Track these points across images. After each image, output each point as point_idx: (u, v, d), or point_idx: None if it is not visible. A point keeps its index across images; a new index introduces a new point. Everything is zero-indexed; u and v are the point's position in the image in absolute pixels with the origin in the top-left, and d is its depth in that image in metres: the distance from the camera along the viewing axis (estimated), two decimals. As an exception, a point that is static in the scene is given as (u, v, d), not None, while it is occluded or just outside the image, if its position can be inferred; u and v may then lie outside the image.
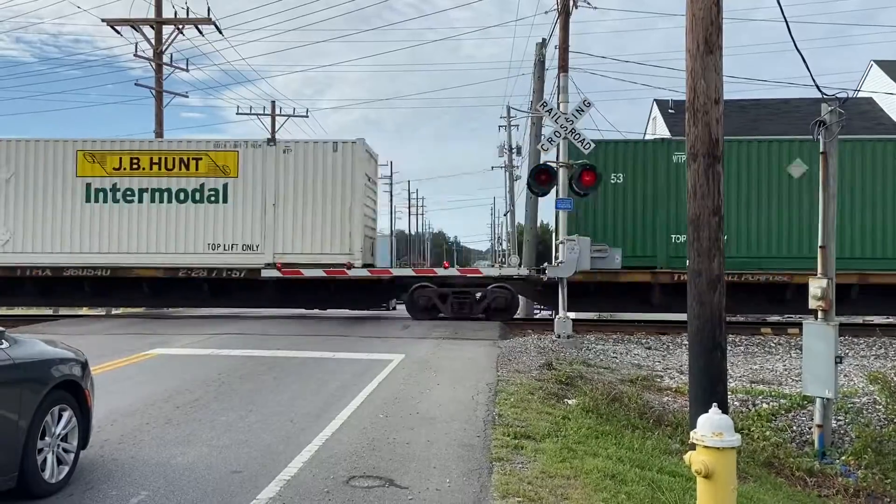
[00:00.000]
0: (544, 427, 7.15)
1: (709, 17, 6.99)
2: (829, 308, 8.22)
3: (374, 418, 7.41)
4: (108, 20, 24.59)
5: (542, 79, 26.18)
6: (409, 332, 15.16)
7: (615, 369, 11.76)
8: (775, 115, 37.31)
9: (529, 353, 12.24)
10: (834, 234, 8.49)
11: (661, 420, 8.54)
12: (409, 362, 11.00)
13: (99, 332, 15.04)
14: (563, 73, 17.50)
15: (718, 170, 7.14)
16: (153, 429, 6.89)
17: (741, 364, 12.67)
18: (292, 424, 7.13)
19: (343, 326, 16.37)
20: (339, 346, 12.80)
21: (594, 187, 15.23)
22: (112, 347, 12.24)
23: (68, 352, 5.62)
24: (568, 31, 18.81)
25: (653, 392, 10.38)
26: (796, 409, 9.60)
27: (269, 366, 10.62)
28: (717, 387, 7.06)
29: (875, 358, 13.32)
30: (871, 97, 37.87)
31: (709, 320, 7.07)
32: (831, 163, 8.41)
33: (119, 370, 10.18)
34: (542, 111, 16.20)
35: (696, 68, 7.08)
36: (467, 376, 9.92)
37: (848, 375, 11.54)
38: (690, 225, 7.23)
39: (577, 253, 14.62)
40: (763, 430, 8.70)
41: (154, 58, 24.68)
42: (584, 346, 13.95)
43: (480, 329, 15.57)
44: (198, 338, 13.79)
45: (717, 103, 7.09)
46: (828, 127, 8.31)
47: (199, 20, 24.77)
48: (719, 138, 7.14)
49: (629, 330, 16.44)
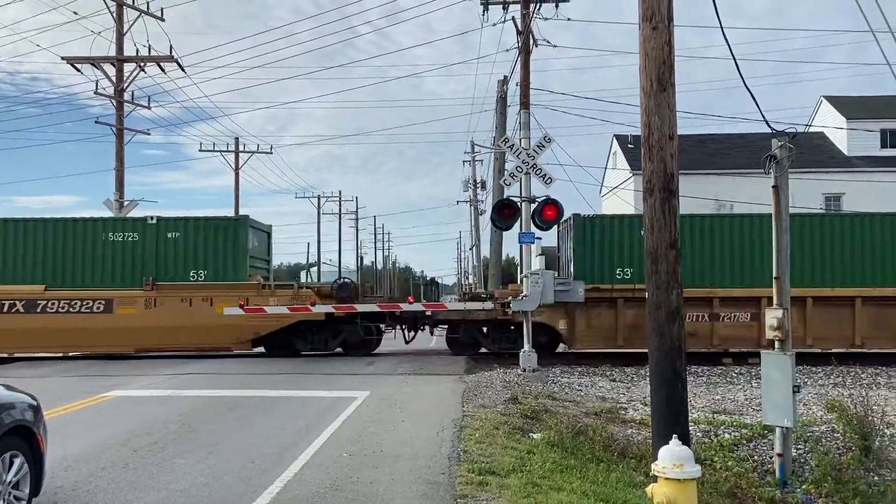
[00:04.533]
0: (509, 462, 7.13)
1: (661, 57, 7.20)
2: (786, 338, 8.38)
3: (338, 457, 7.31)
4: (68, 58, 24.38)
5: (504, 115, 26.56)
6: (375, 368, 15.05)
7: (580, 402, 11.79)
8: (732, 150, 38.32)
9: (495, 388, 12.22)
10: (788, 266, 8.69)
11: (626, 452, 8.56)
12: (374, 399, 10.91)
13: (55, 375, 14.64)
14: (524, 110, 17.79)
15: (674, 204, 7.30)
16: (109, 474, 6.71)
17: (703, 394, 12.80)
18: (254, 465, 7.00)
19: (307, 363, 16.18)
20: (302, 384, 12.65)
21: (556, 221, 15.42)
22: (68, 390, 11.93)
23: (20, 395, 5.47)
24: (528, 69, 19.20)
25: (617, 424, 10.42)
26: (757, 439, 9.71)
27: (231, 406, 10.44)
28: (678, 418, 7.13)
29: (833, 386, 13.58)
30: (822, 132, 39.14)
31: (669, 352, 7.16)
32: (783, 196, 8.64)
33: (75, 413, 9.91)
34: (504, 147, 16.43)
35: (650, 106, 7.27)
36: (432, 412, 9.87)
37: (807, 404, 11.74)
38: (648, 258, 7.36)
39: (541, 286, 14.72)
40: (725, 460, 8.77)
41: (115, 95, 24.48)
42: (550, 380, 13.98)
43: (446, 364, 15.51)
44: (157, 378, 13.51)
45: (671, 139, 7.28)
46: (779, 161, 8.56)
47: (161, 58, 24.69)
48: (674, 173, 7.31)
49: (594, 362, 16.55)
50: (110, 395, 11.40)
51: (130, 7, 24.55)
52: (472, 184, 46.27)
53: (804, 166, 33.02)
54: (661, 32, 7.19)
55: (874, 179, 34.33)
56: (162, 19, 24.97)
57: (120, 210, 23.39)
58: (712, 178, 34.47)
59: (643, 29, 7.27)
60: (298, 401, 10.87)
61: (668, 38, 7.22)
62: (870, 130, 36.50)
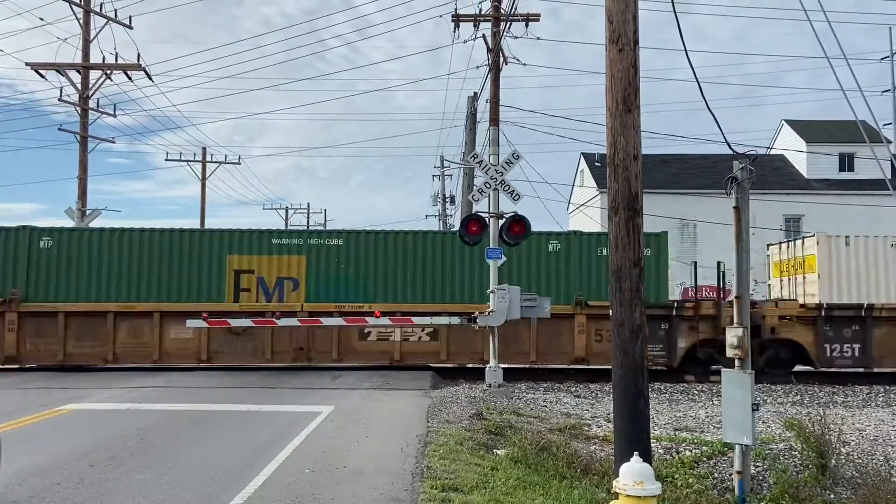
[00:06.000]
0: (473, 478, 7.13)
1: (626, 79, 7.33)
2: (746, 356, 8.51)
3: (300, 473, 7.24)
4: (32, 64, 24.00)
5: (473, 131, 26.75)
6: (340, 383, 14.93)
7: (545, 418, 11.83)
8: (696, 171, 39.04)
9: (460, 403, 12.21)
10: (748, 286, 8.86)
11: (589, 469, 8.61)
12: (339, 414, 10.82)
13: (9, 387, 14.26)
14: (493, 126, 17.95)
15: (638, 222, 7.41)
16: (64, 489, 6.55)
17: (666, 411, 12.93)
18: (214, 482, 6.89)
19: (272, 377, 15.99)
20: (266, 398, 12.50)
21: (524, 237, 15.52)
22: (23, 403, 11.63)
23: (-27, 409, 5.34)
24: (499, 86, 19.41)
25: (581, 440, 10.47)
26: (717, 456, 9.83)
27: (192, 420, 10.27)
28: (640, 435, 7.20)
29: (791, 405, 13.82)
30: (783, 154, 40.09)
31: (631, 368, 7.24)
32: (744, 217, 8.81)
33: (30, 427, 9.67)
34: (473, 163, 16.53)
35: (615, 126, 7.39)
36: (397, 428, 9.82)
37: (766, 422, 11.92)
38: (613, 276, 7.44)
39: (507, 302, 14.78)
40: (686, 477, 8.86)
41: (80, 103, 24.14)
42: (515, 395, 14.01)
43: (412, 379, 15.45)
44: (117, 391, 13.24)
45: (636, 159, 7.40)
46: (739, 183, 8.74)
47: (128, 66, 24.43)
48: (639, 192, 7.43)
49: (560, 378, 16.63)
50: (67, 409, 11.15)
51: (98, 14, 24.28)
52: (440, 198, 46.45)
53: (765, 188, 33.83)
54: (626, 55, 7.33)
55: (832, 202, 35.22)
56: (130, 27, 24.74)
57: (82, 219, 22.94)
58: (677, 198, 35.08)
59: (610, 51, 7.41)
60: (261, 415, 10.74)
61: (633, 61, 7.36)
62: (828, 154, 37.48)
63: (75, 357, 17.18)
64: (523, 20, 21.35)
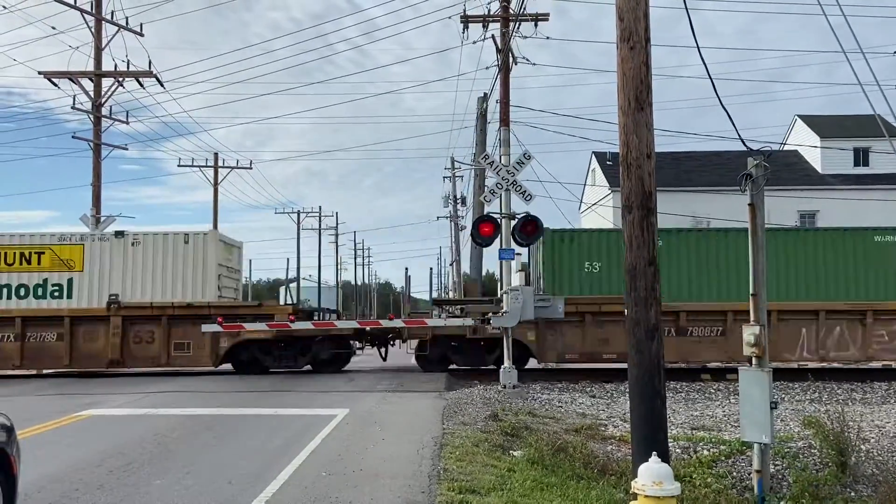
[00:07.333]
0: (489, 480, 7.10)
1: (639, 77, 7.28)
2: (763, 354, 8.44)
3: (317, 476, 7.24)
4: (45, 73, 24.18)
5: (484, 131, 26.71)
6: (354, 385, 14.95)
7: (560, 419, 11.79)
8: (707, 167, 38.83)
9: (475, 405, 12.19)
10: (765, 283, 8.78)
11: (606, 469, 8.56)
12: (354, 417, 10.83)
13: (29, 394, 14.39)
14: (504, 127, 17.92)
15: (652, 221, 7.35)
16: (83, 495, 6.59)
17: (682, 411, 12.85)
18: (231, 486, 6.91)
19: (285, 381, 16.04)
20: (281, 402, 12.53)
21: (536, 237, 15.49)
22: (42, 409, 11.72)
23: (-8, 416, 5.36)
24: (508, 86, 19.35)
25: (597, 441, 10.42)
26: (736, 455, 9.75)
27: (208, 425, 10.31)
28: (658, 434, 7.14)
29: (810, 402, 13.70)
30: (796, 150, 39.77)
31: (648, 368, 7.19)
32: (759, 214, 8.74)
33: (49, 433, 9.74)
34: (484, 164, 16.52)
35: (628, 124, 7.34)
36: (412, 430, 9.82)
37: (785, 420, 11.82)
38: (627, 275, 7.40)
39: (520, 302, 14.75)
40: (704, 476, 8.80)
41: (93, 110, 24.29)
42: (530, 396, 13.97)
43: (426, 381, 15.45)
44: (133, 397, 13.32)
45: (649, 157, 7.35)
46: (754, 180, 8.66)
47: (140, 73, 24.56)
48: (652, 191, 7.37)
49: (574, 378, 16.57)
50: (85, 415, 11.22)
51: (109, 22, 24.44)
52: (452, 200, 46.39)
53: (779, 184, 33.57)
54: (638, 53, 7.28)
55: (847, 197, 34.91)
56: (141, 34, 24.86)
57: (97, 226, 23.10)
58: (689, 195, 34.88)
59: (621, 49, 7.36)
60: (277, 419, 10.76)
61: (645, 59, 7.31)
62: (843, 149, 37.16)
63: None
64: (532, 20, 21.29)
